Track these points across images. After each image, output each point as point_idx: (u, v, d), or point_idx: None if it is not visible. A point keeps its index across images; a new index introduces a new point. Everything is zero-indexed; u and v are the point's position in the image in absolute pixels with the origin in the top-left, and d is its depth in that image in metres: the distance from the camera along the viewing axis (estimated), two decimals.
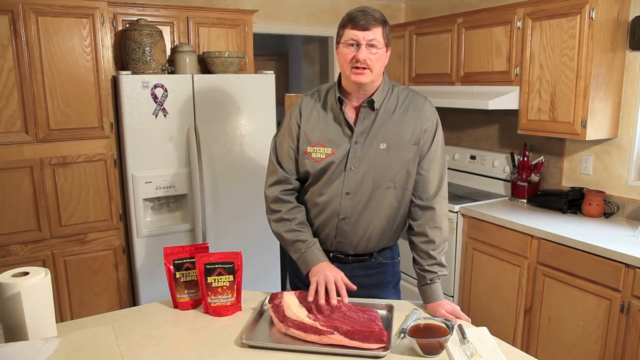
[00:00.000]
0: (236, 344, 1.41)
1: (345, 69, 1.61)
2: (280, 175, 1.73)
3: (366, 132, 1.65)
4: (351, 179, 1.66)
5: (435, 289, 1.65)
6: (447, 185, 1.75)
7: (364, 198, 1.67)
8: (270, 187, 1.76)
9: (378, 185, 1.67)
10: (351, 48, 1.57)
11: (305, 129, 1.70)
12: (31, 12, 2.54)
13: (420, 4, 4.15)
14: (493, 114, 3.51)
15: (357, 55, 1.56)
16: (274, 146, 1.78)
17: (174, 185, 2.89)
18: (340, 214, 1.69)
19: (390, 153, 1.65)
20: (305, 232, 1.70)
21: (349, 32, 1.57)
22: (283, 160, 1.74)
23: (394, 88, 1.71)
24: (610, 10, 2.63)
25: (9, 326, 1.31)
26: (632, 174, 2.82)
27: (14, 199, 2.64)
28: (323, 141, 1.67)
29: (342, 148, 1.66)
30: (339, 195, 1.67)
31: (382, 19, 1.59)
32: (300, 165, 1.72)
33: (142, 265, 2.88)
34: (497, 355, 1.34)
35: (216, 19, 3.18)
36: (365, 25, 1.55)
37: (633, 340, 2.26)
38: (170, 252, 1.63)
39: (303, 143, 1.70)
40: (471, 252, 3.08)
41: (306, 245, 1.66)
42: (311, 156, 1.68)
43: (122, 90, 2.70)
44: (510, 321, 2.87)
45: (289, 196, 1.74)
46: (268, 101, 3.11)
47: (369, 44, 1.56)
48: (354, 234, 1.71)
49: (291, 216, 1.71)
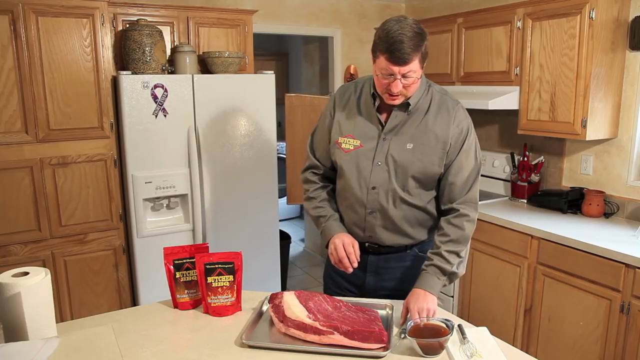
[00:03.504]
0: (236, 344, 1.41)
1: (380, 90, 1.61)
2: (311, 161, 1.86)
3: (395, 130, 1.66)
4: (377, 174, 1.67)
5: (424, 277, 1.61)
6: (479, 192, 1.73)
7: (389, 194, 1.68)
8: (303, 172, 1.90)
9: (402, 183, 1.67)
10: (386, 77, 1.55)
11: (339, 119, 1.74)
12: (31, 12, 2.54)
13: (420, 4, 4.15)
14: (493, 114, 3.51)
15: (391, 87, 1.55)
16: (311, 138, 1.87)
17: (174, 185, 2.89)
18: (368, 208, 1.71)
19: (415, 154, 1.65)
20: (326, 207, 1.79)
21: (384, 63, 1.52)
22: (316, 149, 1.85)
23: (429, 88, 1.70)
24: (610, 10, 2.63)
25: (9, 326, 1.31)
26: (632, 174, 2.82)
27: (14, 199, 2.64)
28: (354, 133, 1.71)
29: (371, 142, 1.68)
30: (366, 189, 1.69)
31: (418, 45, 1.50)
32: (332, 154, 1.78)
33: (142, 265, 2.88)
34: (497, 355, 1.34)
35: (216, 19, 3.18)
36: (401, 60, 1.49)
37: (633, 340, 2.26)
38: (170, 252, 1.63)
39: (335, 133, 1.74)
40: (471, 252, 3.08)
41: (325, 220, 1.76)
42: (341, 146, 1.72)
43: (122, 90, 2.70)
44: (510, 321, 2.87)
45: (316, 177, 1.85)
46: (268, 101, 3.11)
47: (404, 76, 1.53)
48: (383, 227, 1.72)
49: (316, 194, 1.82)
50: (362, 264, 1.77)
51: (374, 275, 1.80)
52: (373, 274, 1.80)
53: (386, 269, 1.71)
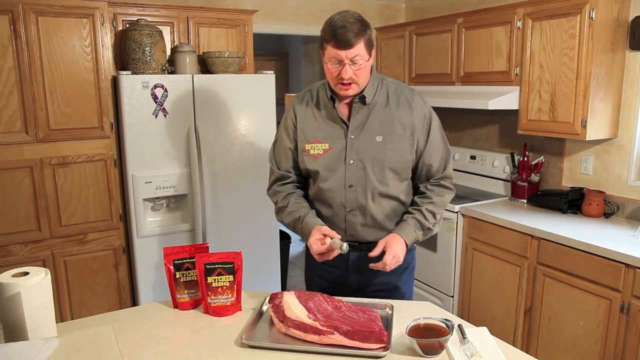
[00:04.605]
0: (236, 344, 1.41)
1: (332, 83, 1.66)
2: (277, 174, 1.82)
3: (361, 126, 1.70)
4: (352, 172, 1.70)
5: (403, 226, 1.71)
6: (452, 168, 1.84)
7: (367, 190, 1.71)
8: (269, 188, 1.86)
9: (379, 177, 1.70)
10: (335, 65, 1.61)
11: (302, 127, 1.75)
12: (31, 12, 2.54)
13: (420, 4, 4.15)
14: (493, 114, 3.51)
15: (342, 74, 1.60)
16: (272, 152, 1.85)
17: (174, 185, 2.89)
18: (347, 207, 1.73)
19: (387, 145, 1.69)
20: (298, 209, 1.75)
21: (331, 50, 1.59)
22: (281, 162, 1.82)
23: (383, 81, 1.75)
24: (610, 10, 2.63)
25: (9, 326, 1.31)
26: (632, 174, 2.82)
27: (14, 199, 2.64)
28: (320, 137, 1.73)
29: (339, 143, 1.71)
30: (342, 188, 1.71)
31: (361, 30, 1.58)
32: (301, 163, 1.77)
33: (142, 265, 2.88)
34: (497, 355, 1.34)
35: (216, 19, 3.18)
36: (346, 43, 1.56)
37: (633, 340, 2.26)
38: (170, 252, 1.63)
39: (301, 141, 1.75)
40: (471, 252, 3.08)
41: (300, 221, 1.72)
42: (310, 153, 1.73)
43: (122, 90, 2.70)
44: (510, 321, 2.87)
45: (282, 187, 1.82)
46: (268, 101, 3.11)
47: (352, 61, 1.59)
48: (363, 225, 1.75)
49: (285, 202, 1.78)
50: (343, 264, 1.79)
51: (356, 273, 1.80)
52: (355, 272, 1.80)
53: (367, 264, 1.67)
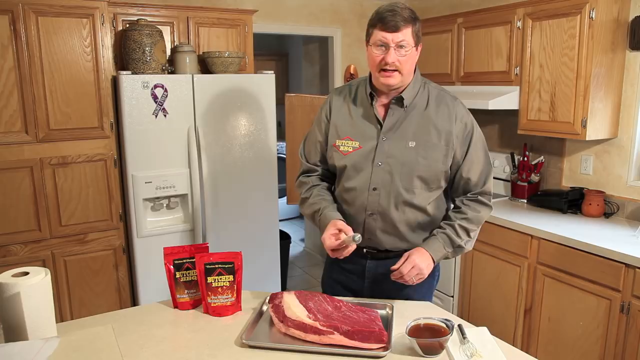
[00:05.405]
0: (236, 344, 1.41)
1: (374, 70, 1.61)
2: (305, 166, 1.82)
3: (395, 129, 1.64)
4: (378, 175, 1.64)
5: (432, 241, 1.65)
6: (492, 184, 1.76)
7: (391, 195, 1.64)
8: (296, 179, 1.85)
9: (406, 183, 1.63)
10: (380, 49, 1.56)
11: (335, 122, 1.72)
12: (31, 12, 2.54)
13: (420, 4, 4.15)
14: (493, 114, 3.51)
15: (386, 58, 1.55)
16: (302, 144, 1.84)
17: (174, 185, 2.89)
18: (368, 210, 1.67)
19: (419, 152, 1.62)
20: (318, 202, 1.72)
21: (377, 34, 1.55)
22: (310, 154, 1.81)
23: (425, 85, 1.69)
24: (610, 10, 2.63)
25: (9, 326, 1.31)
26: (632, 174, 2.82)
27: (14, 199, 2.64)
28: (351, 135, 1.68)
29: (370, 143, 1.65)
30: (366, 190, 1.66)
31: (411, 17, 1.56)
32: (329, 158, 1.74)
33: (142, 265, 2.88)
34: (497, 355, 1.34)
35: (216, 19, 3.18)
36: (394, 26, 1.52)
37: (633, 340, 2.26)
38: (170, 252, 1.63)
39: (332, 136, 1.72)
40: (471, 252, 3.08)
41: (318, 214, 1.70)
42: (339, 149, 1.70)
43: (122, 90, 2.70)
44: (510, 321, 2.87)
45: (309, 178, 1.80)
46: (268, 101, 3.11)
47: (398, 45, 1.54)
48: (383, 231, 1.69)
49: (308, 194, 1.77)
50: (360, 270, 1.76)
51: (371, 282, 1.76)
52: (371, 281, 1.76)
53: (385, 275, 1.65)
